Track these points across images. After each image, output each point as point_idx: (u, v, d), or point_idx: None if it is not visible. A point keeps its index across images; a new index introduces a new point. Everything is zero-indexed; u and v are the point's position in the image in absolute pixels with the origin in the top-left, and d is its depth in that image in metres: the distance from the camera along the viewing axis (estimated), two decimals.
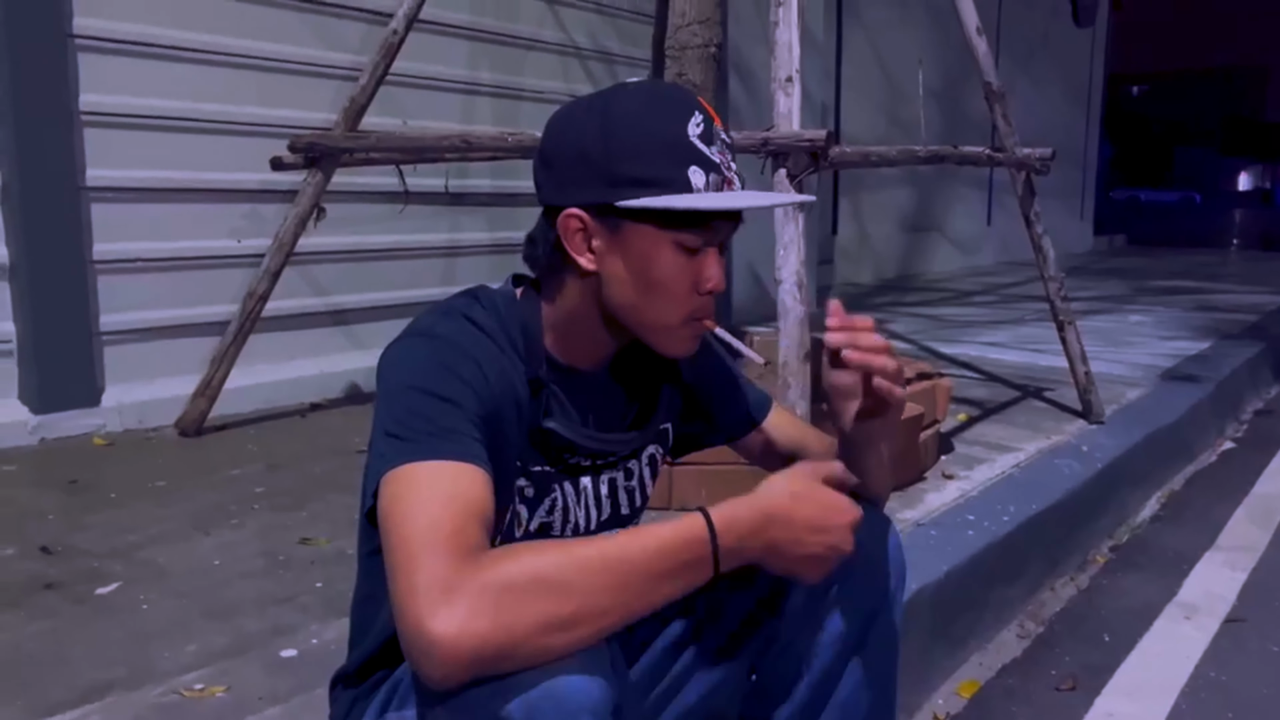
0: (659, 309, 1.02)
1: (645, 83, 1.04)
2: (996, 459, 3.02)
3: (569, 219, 1.00)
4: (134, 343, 3.11)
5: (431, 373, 0.96)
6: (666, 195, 0.96)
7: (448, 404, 0.94)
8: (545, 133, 1.05)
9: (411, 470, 0.89)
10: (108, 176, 3.00)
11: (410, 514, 0.85)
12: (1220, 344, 5.23)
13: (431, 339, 1.00)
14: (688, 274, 1.00)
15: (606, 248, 1.00)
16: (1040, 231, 3.35)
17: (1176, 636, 2.23)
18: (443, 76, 3.94)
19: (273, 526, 2.30)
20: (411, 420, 0.92)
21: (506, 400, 1.01)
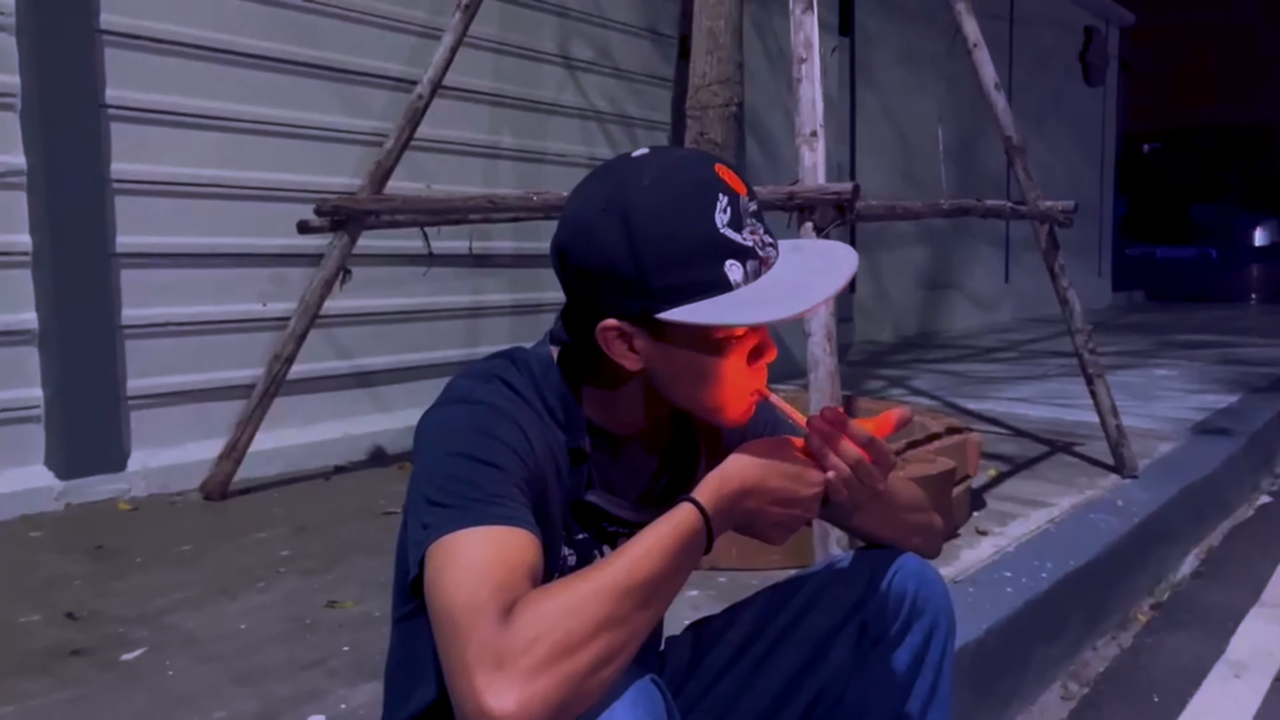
0: (716, 396, 0.99)
1: (659, 166, 0.95)
2: (1030, 514, 2.96)
3: (607, 331, 0.96)
4: (160, 407, 3.12)
5: (473, 438, 0.94)
6: (707, 300, 0.92)
7: (491, 468, 0.92)
8: (562, 225, 0.99)
9: (457, 539, 0.86)
10: (137, 243, 3.04)
11: (456, 584, 0.83)
12: (1249, 397, 5.16)
13: (470, 404, 0.98)
14: (739, 356, 0.98)
15: (652, 350, 0.97)
16: (1066, 284, 3.33)
17: (1228, 696, 2.15)
18: (466, 141, 3.99)
19: (299, 590, 2.27)
20: (455, 486, 0.90)
21: (549, 467, 1.00)
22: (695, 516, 0.90)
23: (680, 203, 0.92)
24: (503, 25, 4.08)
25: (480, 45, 3.92)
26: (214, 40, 3.21)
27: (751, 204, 0.96)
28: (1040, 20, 10.99)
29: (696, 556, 0.90)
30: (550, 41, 4.34)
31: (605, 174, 0.97)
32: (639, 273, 0.92)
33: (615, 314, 0.95)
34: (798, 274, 0.96)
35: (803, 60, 2.20)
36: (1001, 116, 3.22)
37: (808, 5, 2.24)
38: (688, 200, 0.93)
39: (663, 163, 0.96)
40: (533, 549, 0.87)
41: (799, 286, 0.94)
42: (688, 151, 0.99)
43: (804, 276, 0.95)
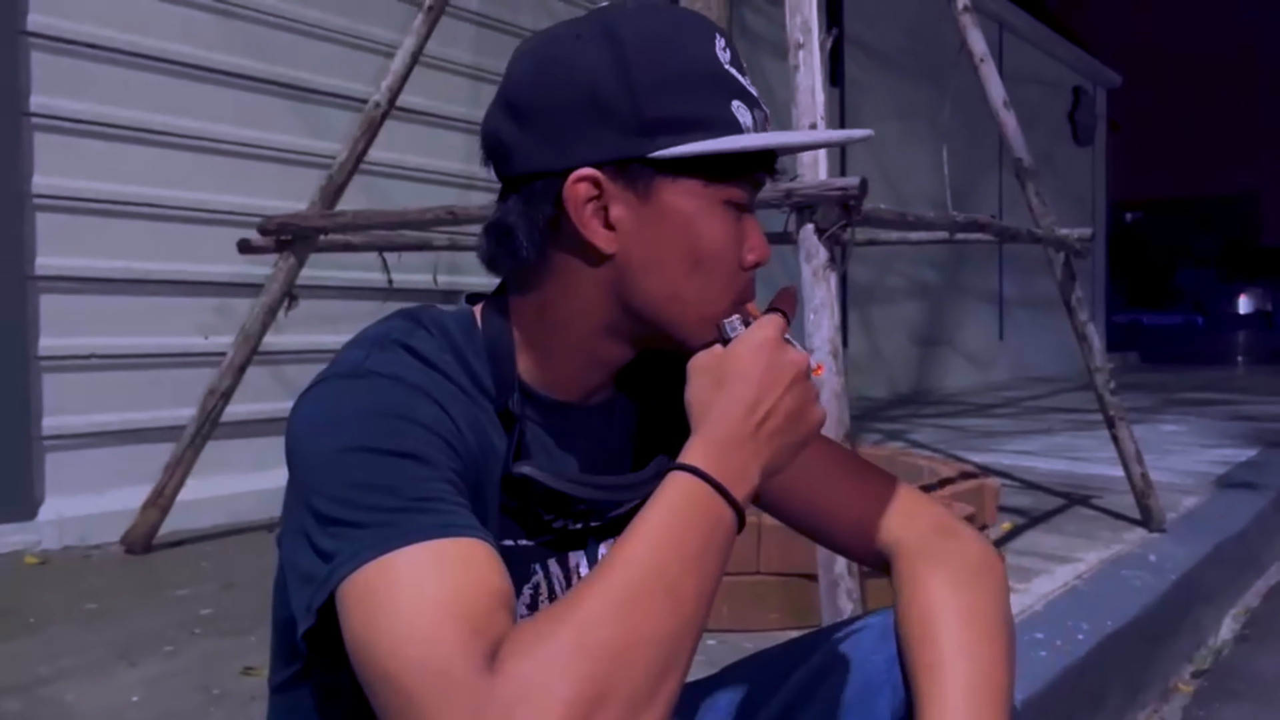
0: (708, 292, 0.74)
1: (645, 2, 0.76)
2: (1055, 570, 2.67)
3: (579, 184, 0.70)
4: (80, 449, 2.79)
5: (376, 424, 0.66)
6: (717, 139, 0.70)
7: (409, 461, 0.64)
8: (515, 77, 0.75)
9: (384, 569, 0.60)
10: (60, 265, 2.74)
11: (400, 634, 0.57)
12: (1267, 451, 4.90)
13: (366, 378, 0.69)
14: (738, 242, 0.75)
15: (635, 219, 0.72)
16: (1084, 319, 3.07)
17: None
18: (437, 170, 3.73)
19: (214, 655, 1.93)
20: (363, 496, 0.63)
21: (480, 447, 0.72)
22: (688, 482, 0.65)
23: (678, 27, 0.73)
24: (478, 50, 3.86)
25: (455, 70, 3.69)
26: (158, 49, 2.96)
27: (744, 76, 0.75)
28: (1029, 79, 10.96)
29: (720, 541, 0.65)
30: None
31: (581, 18, 0.75)
32: (630, 95, 0.69)
33: (591, 160, 0.70)
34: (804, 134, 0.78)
35: (800, 46, 1.94)
36: (1012, 137, 2.98)
37: None
38: (686, 26, 0.74)
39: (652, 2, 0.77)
40: (493, 564, 0.62)
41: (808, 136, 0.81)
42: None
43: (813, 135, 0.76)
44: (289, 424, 0.70)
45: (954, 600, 0.81)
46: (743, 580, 2.14)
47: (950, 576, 0.83)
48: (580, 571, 0.81)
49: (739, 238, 0.75)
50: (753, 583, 2.14)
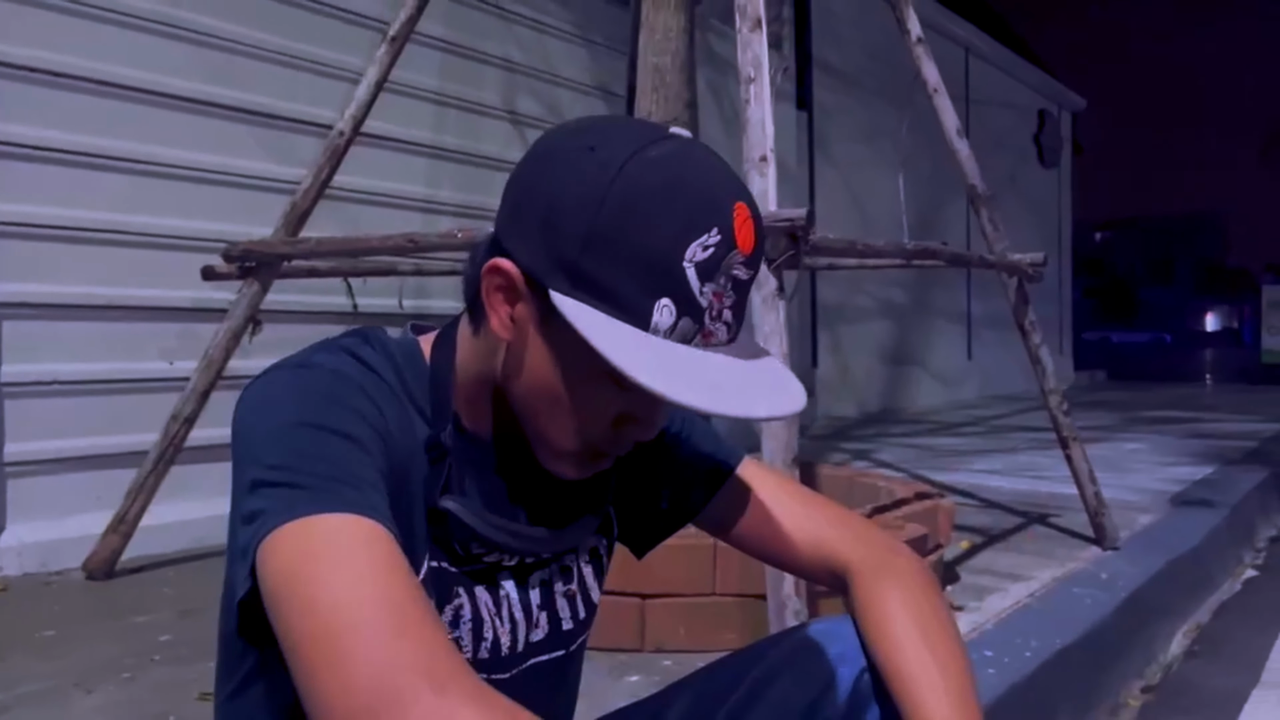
0: (559, 428, 0.76)
1: (685, 153, 0.71)
2: (1009, 588, 2.72)
3: (495, 272, 0.72)
4: (42, 475, 2.79)
5: (318, 405, 0.69)
6: (610, 318, 0.68)
7: (345, 441, 0.67)
8: (538, 148, 0.75)
9: (312, 525, 0.61)
10: (21, 291, 2.75)
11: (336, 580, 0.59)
12: (1224, 469, 4.99)
13: (311, 369, 0.73)
14: (613, 406, 0.74)
15: (529, 325, 0.73)
16: (1037, 341, 3.13)
17: None
18: (401, 194, 3.77)
19: (171, 681, 1.94)
20: (300, 462, 0.65)
21: (407, 461, 0.74)
22: None
23: (670, 207, 0.68)
24: (443, 76, 3.90)
25: (419, 95, 3.73)
26: (118, 75, 2.98)
27: (744, 269, 0.71)
28: (995, 102, 11.13)
29: None
30: (495, 95, 4.16)
31: (635, 125, 0.75)
32: (581, 234, 0.68)
33: (521, 259, 0.71)
34: (730, 375, 0.70)
35: (751, 80, 1.99)
36: (965, 164, 3.05)
37: (755, 23, 2.05)
38: (680, 209, 0.68)
39: (690, 154, 0.71)
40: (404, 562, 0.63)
41: (716, 384, 0.68)
42: (724, 167, 0.73)
43: (732, 379, 0.70)
44: (238, 407, 0.73)
45: (913, 612, 0.87)
46: (699, 601, 2.17)
47: (904, 592, 0.88)
48: (511, 600, 0.84)
49: (618, 404, 0.74)
50: (709, 604, 2.17)
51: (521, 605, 0.84)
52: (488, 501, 0.80)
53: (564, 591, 0.87)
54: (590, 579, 0.90)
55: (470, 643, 0.81)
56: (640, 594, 2.14)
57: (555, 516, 0.84)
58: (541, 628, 0.86)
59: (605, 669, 1.99)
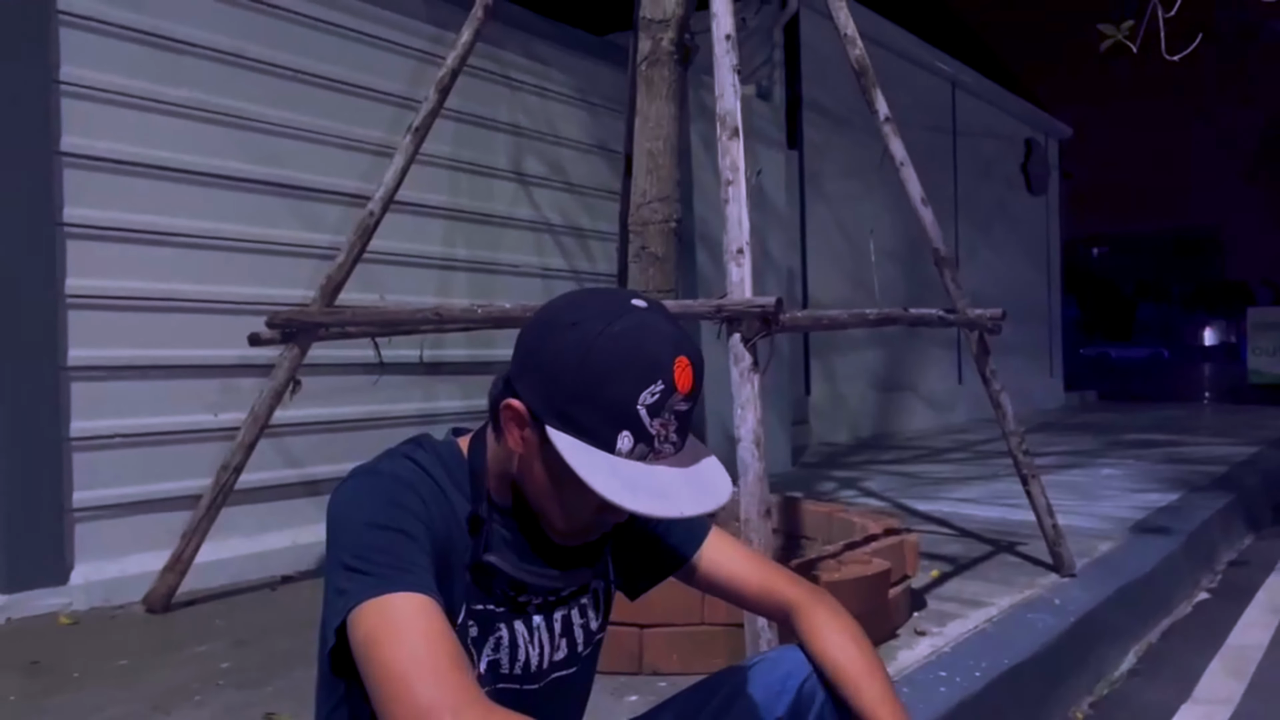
0: (555, 514, 1.10)
1: (638, 325, 1.03)
2: (969, 614, 3.01)
3: (510, 407, 1.06)
4: (105, 519, 3.12)
5: (383, 508, 1.03)
6: (588, 446, 1.01)
7: (402, 536, 1.01)
8: (539, 318, 1.08)
9: (384, 603, 0.95)
10: (89, 355, 3.09)
11: (403, 642, 0.93)
12: (1190, 496, 5.27)
13: (378, 476, 1.08)
14: (592, 503, 1.04)
15: (532, 446, 1.06)
16: (998, 388, 3.46)
17: None
18: (421, 254, 4.11)
19: (236, 704, 2.26)
20: (372, 555, 0.99)
21: (449, 535, 1.08)
22: None
23: (627, 368, 1.00)
24: (457, 143, 4.25)
25: (435, 162, 4.07)
26: (172, 160, 3.33)
27: (684, 403, 1.04)
28: (983, 133, 11.49)
29: None
30: (504, 158, 4.51)
31: (607, 300, 1.07)
32: (562, 391, 1.01)
33: (528, 401, 1.04)
34: (673, 482, 1.03)
35: (729, 183, 2.33)
36: (930, 229, 3.38)
37: (733, 132, 2.39)
38: (634, 369, 1.00)
39: (643, 323, 1.03)
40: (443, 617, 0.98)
41: (660, 491, 1.01)
42: (669, 329, 1.05)
43: (674, 485, 1.03)
44: (331, 501, 1.07)
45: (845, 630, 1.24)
46: (690, 630, 2.49)
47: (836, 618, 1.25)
48: (539, 630, 1.17)
49: (591, 502, 1.03)
50: (699, 632, 2.49)
51: (546, 632, 1.18)
52: (515, 555, 1.13)
53: (579, 623, 1.21)
54: (591, 613, 1.24)
55: (508, 663, 1.15)
56: (639, 624, 2.46)
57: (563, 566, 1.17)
58: (561, 650, 1.20)
59: (608, 690, 2.31)
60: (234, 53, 3.50)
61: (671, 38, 3.09)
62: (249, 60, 3.54)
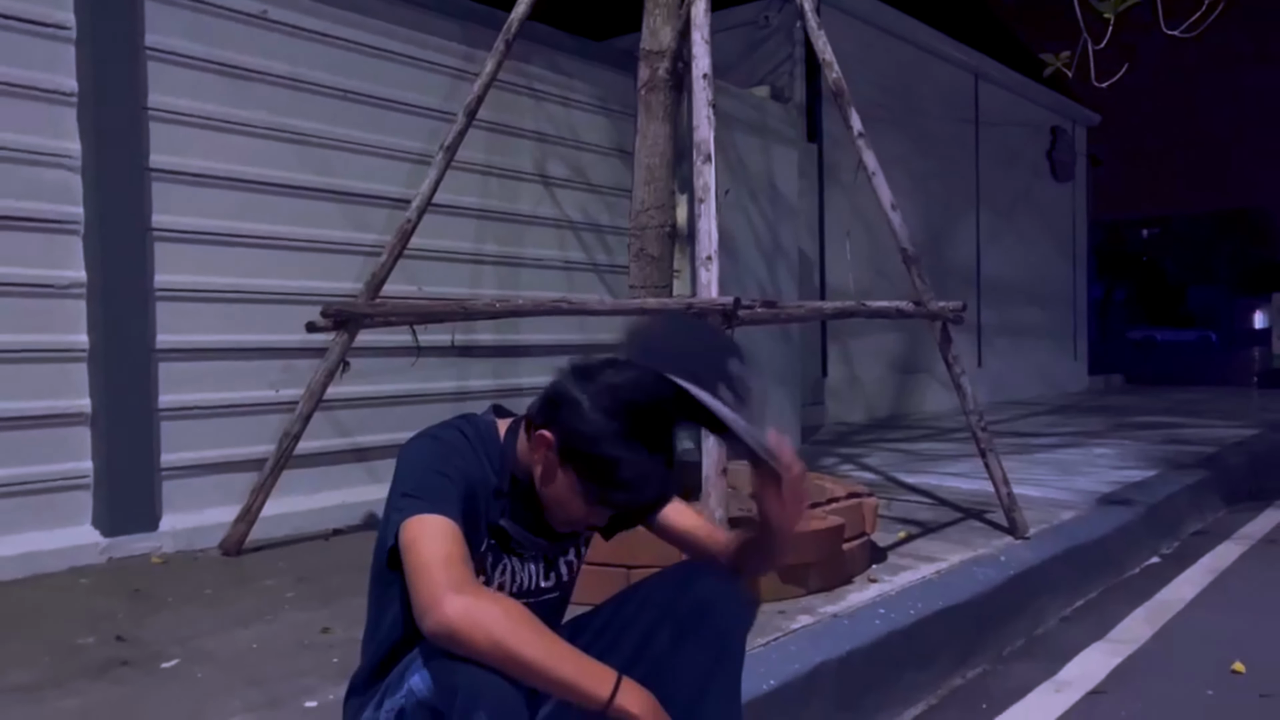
0: (553, 511, 1.58)
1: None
2: (921, 567, 3.46)
3: (544, 437, 1.51)
4: (187, 477, 3.70)
5: (438, 458, 1.51)
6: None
7: (447, 479, 1.48)
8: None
9: (426, 519, 1.42)
10: (174, 340, 3.66)
11: (432, 543, 1.38)
12: (1166, 473, 5.63)
13: (437, 440, 1.56)
14: (584, 511, 1.54)
15: (554, 464, 1.53)
16: (960, 372, 3.91)
17: (1041, 704, 2.67)
18: (454, 250, 4.64)
19: (299, 622, 2.81)
20: (425, 487, 1.46)
21: (477, 492, 1.56)
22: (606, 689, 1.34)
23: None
24: (488, 150, 4.77)
25: (467, 169, 4.59)
26: (242, 173, 3.88)
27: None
28: (1006, 122, 11.78)
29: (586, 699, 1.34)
30: (529, 162, 5.02)
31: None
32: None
33: (555, 433, 1.51)
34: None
35: (701, 201, 2.82)
36: (898, 232, 3.84)
37: (706, 158, 2.87)
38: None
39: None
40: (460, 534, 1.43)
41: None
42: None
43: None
44: (400, 451, 1.54)
45: None
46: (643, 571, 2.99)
47: None
48: (531, 567, 1.66)
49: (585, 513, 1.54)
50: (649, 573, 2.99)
51: (537, 570, 1.68)
52: (522, 523, 1.62)
53: (563, 563, 1.72)
54: (573, 557, 1.74)
55: (509, 583, 1.64)
56: (627, 565, 2.97)
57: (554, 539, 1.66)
58: (550, 580, 1.70)
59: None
60: (293, 77, 4.04)
61: (667, 67, 3.56)
62: (306, 83, 4.08)
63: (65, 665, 2.44)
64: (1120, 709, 2.63)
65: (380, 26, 4.33)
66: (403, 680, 1.48)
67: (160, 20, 3.61)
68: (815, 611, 2.90)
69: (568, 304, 3.07)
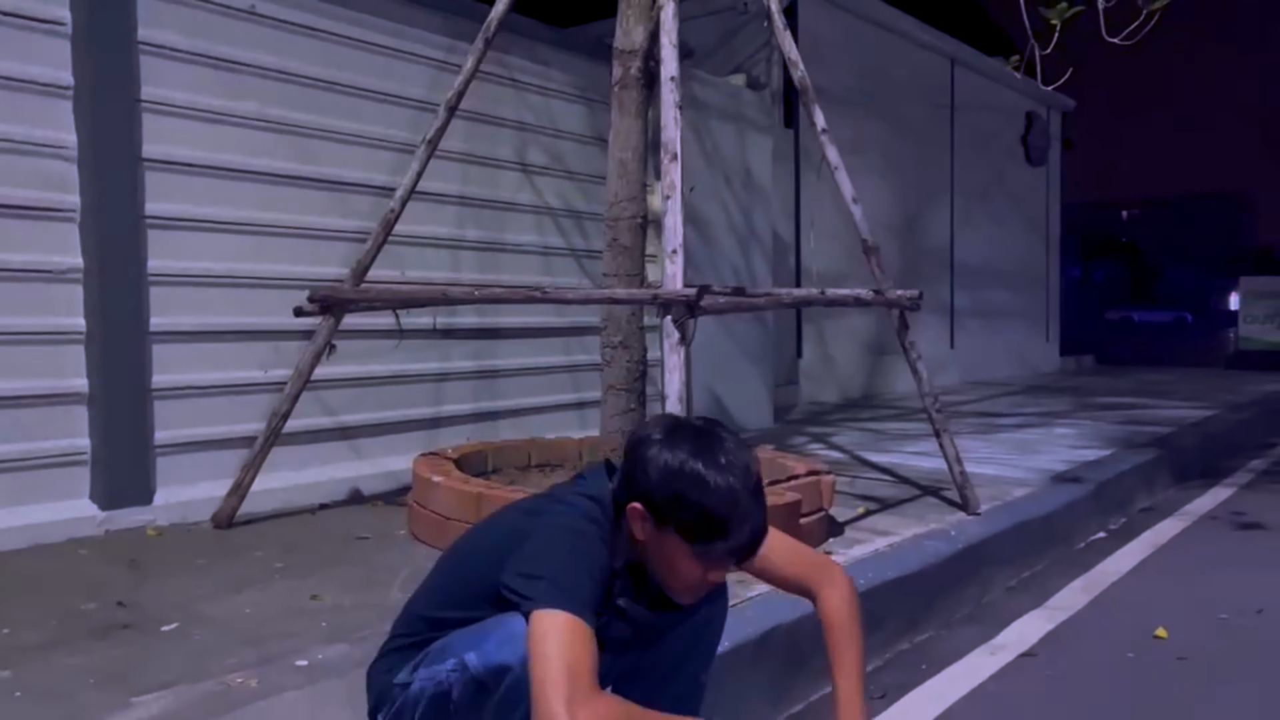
0: (673, 584, 1.67)
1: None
2: (875, 541, 3.68)
3: (635, 509, 1.60)
4: (181, 454, 3.88)
5: (587, 553, 1.59)
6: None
7: (589, 579, 1.56)
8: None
9: (560, 617, 1.47)
10: (167, 323, 3.82)
11: (558, 650, 1.43)
12: (1120, 452, 5.89)
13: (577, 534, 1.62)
14: (700, 572, 1.62)
15: (650, 535, 1.62)
16: (916, 356, 4.12)
17: (976, 664, 2.90)
18: (436, 235, 4.81)
19: (289, 590, 3.00)
20: (569, 579, 1.52)
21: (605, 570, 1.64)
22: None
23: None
24: (469, 139, 4.93)
25: (449, 157, 4.75)
26: (232, 162, 4.03)
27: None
28: (982, 107, 11.98)
29: None
30: (510, 150, 5.19)
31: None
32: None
33: (641, 500, 1.61)
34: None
35: (668, 197, 3.01)
36: (860, 224, 4.04)
37: (673, 156, 3.06)
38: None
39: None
40: (593, 639, 1.49)
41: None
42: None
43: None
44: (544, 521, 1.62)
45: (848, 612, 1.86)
46: None
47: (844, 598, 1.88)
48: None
49: (701, 570, 1.61)
50: None
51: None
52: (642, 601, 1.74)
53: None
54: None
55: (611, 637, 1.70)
56: None
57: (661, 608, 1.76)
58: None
59: None
60: (280, 69, 4.18)
61: (639, 65, 3.74)
62: (293, 75, 4.23)
63: (71, 628, 2.63)
64: (1046, 669, 2.86)
65: (364, 19, 4.48)
66: (445, 655, 1.63)
67: (153, 15, 3.76)
68: None
69: (542, 293, 3.26)
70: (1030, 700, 2.65)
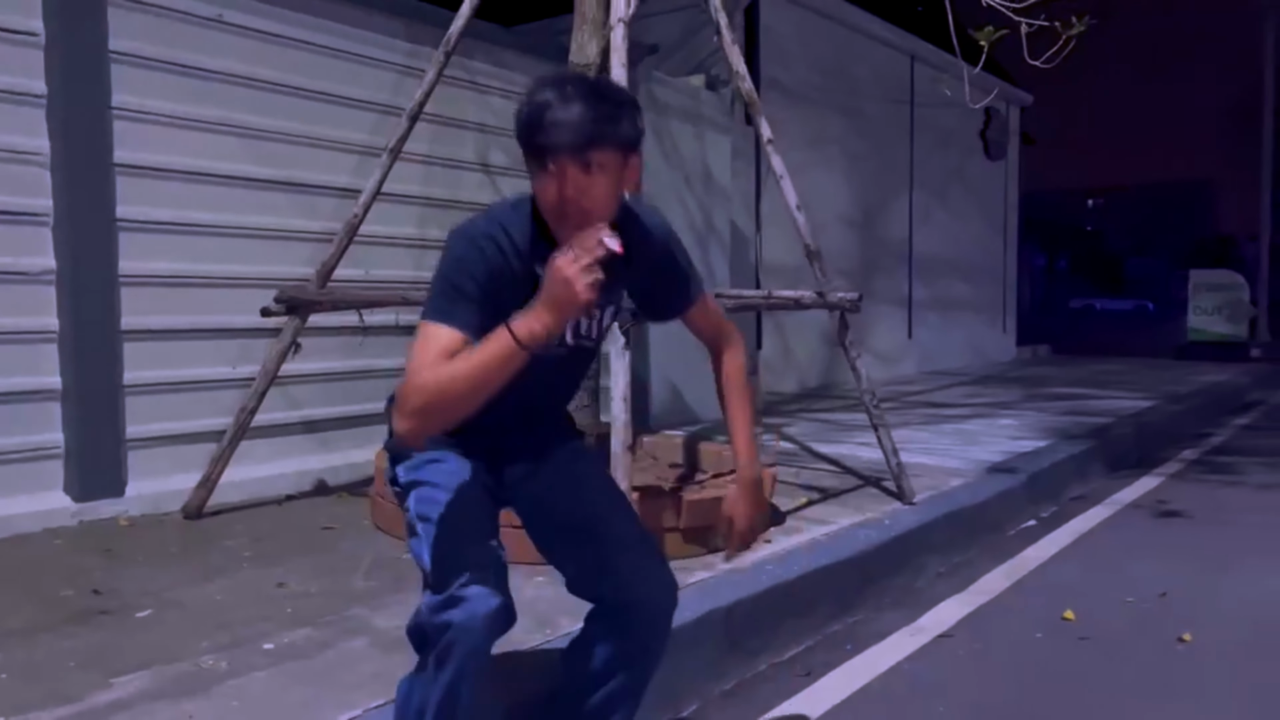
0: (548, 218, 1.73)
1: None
2: (814, 530, 3.89)
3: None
4: (152, 448, 4.05)
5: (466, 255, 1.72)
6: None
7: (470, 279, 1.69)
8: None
9: (428, 327, 1.65)
10: (138, 322, 3.98)
11: (419, 351, 1.62)
12: (1057, 443, 6.15)
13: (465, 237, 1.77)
14: (552, 187, 1.65)
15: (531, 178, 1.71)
16: (855, 355, 4.35)
17: (897, 644, 3.14)
18: (399, 235, 4.99)
19: (256, 578, 3.19)
20: (445, 286, 1.69)
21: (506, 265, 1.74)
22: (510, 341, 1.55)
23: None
24: (431, 142, 5.10)
25: (412, 160, 4.92)
26: (201, 166, 4.19)
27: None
28: (940, 103, 12.24)
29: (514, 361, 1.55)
30: (472, 153, 5.36)
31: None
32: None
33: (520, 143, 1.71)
34: None
35: None
36: (802, 230, 4.25)
37: None
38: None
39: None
40: (456, 339, 1.62)
41: None
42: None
43: None
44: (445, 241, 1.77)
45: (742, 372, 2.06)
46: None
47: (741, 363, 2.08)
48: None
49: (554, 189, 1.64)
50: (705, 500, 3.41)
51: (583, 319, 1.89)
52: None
53: (598, 318, 1.93)
54: (607, 318, 1.96)
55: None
56: None
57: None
58: (585, 331, 1.91)
59: (523, 574, 3.24)
60: (247, 76, 4.34)
61: None
62: (259, 81, 4.38)
63: (51, 614, 2.81)
64: (960, 649, 3.11)
65: (328, 25, 4.64)
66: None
67: (124, 26, 3.90)
68: (713, 568, 3.33)
69: None
70: (942, 677, 2.89)
